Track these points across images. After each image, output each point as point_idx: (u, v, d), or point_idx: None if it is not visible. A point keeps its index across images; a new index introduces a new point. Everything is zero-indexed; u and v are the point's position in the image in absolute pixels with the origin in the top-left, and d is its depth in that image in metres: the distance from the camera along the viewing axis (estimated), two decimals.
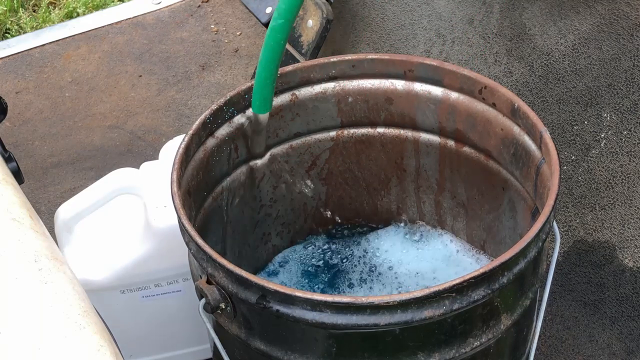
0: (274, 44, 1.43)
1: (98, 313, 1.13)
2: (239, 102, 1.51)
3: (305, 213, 1.66)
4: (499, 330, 1.29)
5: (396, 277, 1.55)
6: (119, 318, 1.65)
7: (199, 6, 2.58)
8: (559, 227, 1.81)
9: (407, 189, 1.64)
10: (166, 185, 1.56)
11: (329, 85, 1.56)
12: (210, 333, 1.33)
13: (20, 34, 2.78)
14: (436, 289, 1.19)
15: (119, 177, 1.65)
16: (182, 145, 1.42)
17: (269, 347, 1.29)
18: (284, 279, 1.59)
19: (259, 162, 1.57)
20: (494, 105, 1.47)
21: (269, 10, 2.21)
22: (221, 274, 1.27)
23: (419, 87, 1.53)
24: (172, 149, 1.65)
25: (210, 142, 1.49)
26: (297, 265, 1.60)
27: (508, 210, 1.52)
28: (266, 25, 2.22)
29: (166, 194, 1.61)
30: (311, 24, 2.07)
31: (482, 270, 1.21)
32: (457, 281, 1.20)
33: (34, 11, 2.92)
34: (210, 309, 1.29)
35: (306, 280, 1.57)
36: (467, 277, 1.20)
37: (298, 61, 2.09)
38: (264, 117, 1.50)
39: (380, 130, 1.60)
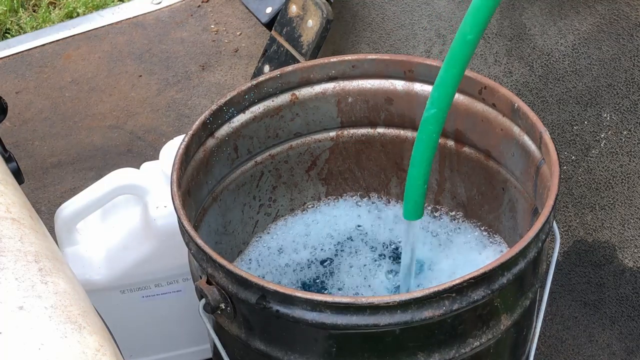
0: (427, 138, 1.28)
1: (98, 313, 1.13)
2: (239, 102, 1.51)
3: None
4: (499, 331, 1.30)
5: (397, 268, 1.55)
6: (119, 318, 1.65)
7: (199, 6, 2.58)
8: (559, 227, 1.81)
9: None
10: (166, 185, 1.56)
11: (329, 85, 1.56)
12: (210, 333, 1.33)
13: (20, 34, 2.78)
14: (436, 289, 1.19)
15: (119, 177, 1.65)
16: (182, 146, 1.42)
17: (269, 348, 1.29)
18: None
19: (258, 162, 1.57)
20: (494, 106, 1.47)
21: (269, 10, 2.21)
22: (221, 274, 1.27)
23: (419, 87, 1.53)
24: (172, 149, 1.65)
25: (210, 142, 1.49)
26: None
27: (508, 210, 1.52)
28: (266, 25, 2.22)
29: (166, 194, 1.61)
30: (311, 24, 2.07)
31: (481, 271, 1.21)
32: (457, 281, 1.20)
33: (34, 11, 2.93)
34: (210, 309, 1.29)
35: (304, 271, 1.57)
36: (466, 277, 1.20)
37: (298, 61, 2.09)
38: (416, 224, 1.36)
39: (380, 130, 1.60)
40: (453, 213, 1.61)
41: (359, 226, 1.62)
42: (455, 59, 1.27)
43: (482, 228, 1.57)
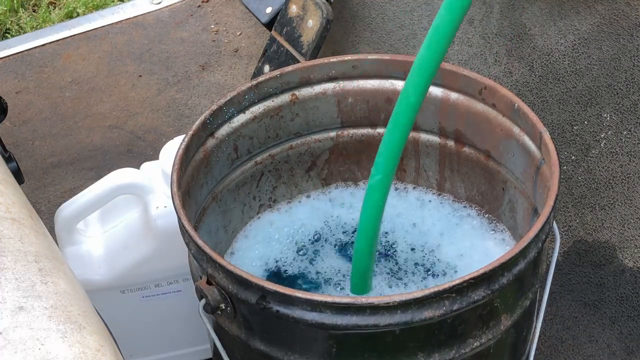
0: (373, 206, 1.23)
1: (98, 313, 1.13)
2: (239, 102, 1.51)
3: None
4: (499, 331, 1.30)
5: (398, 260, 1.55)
6: (119, 318, 1.65)
7: (199, 6, 2.58)
8: (559, 227, 1.81)
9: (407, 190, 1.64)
10: (166, 185, 1.56)
11: (329, 86, 1.56)
12: (210, 333, 1.33)
13: (20, 34, 2.78)
14: (436, 289, 1.19)
15: (119, 177, 1.65)
16: (182, 146, 1.42)
17: (269, 348, 1.29)
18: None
19: (258, 162, 1.57)
20: (494, 106, 1.47)
21: (269, 10, 2.21)
22: (221, 274, 1.27)
23: None
24: (172, 149, 1.65)
25: (210, 143, 1.49)
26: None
27: (508, 211, 1.52)
28: (266, 25, 2.22)
29: (166, 194, 1.61)
30: (311, 24, 2.07)
31: (482, 271, 1.21)
32: (457, 282, 1.20)
33: (34, 11, 2.93)
34: (210, 309, 1.29)
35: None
36: (466, 278, 1.20)
37: (298, 61, 2.09)
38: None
39: (380, 130, 1.60)
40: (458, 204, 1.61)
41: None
42: (398, 123, 1.23)
43: (485, 215, 1.57)
